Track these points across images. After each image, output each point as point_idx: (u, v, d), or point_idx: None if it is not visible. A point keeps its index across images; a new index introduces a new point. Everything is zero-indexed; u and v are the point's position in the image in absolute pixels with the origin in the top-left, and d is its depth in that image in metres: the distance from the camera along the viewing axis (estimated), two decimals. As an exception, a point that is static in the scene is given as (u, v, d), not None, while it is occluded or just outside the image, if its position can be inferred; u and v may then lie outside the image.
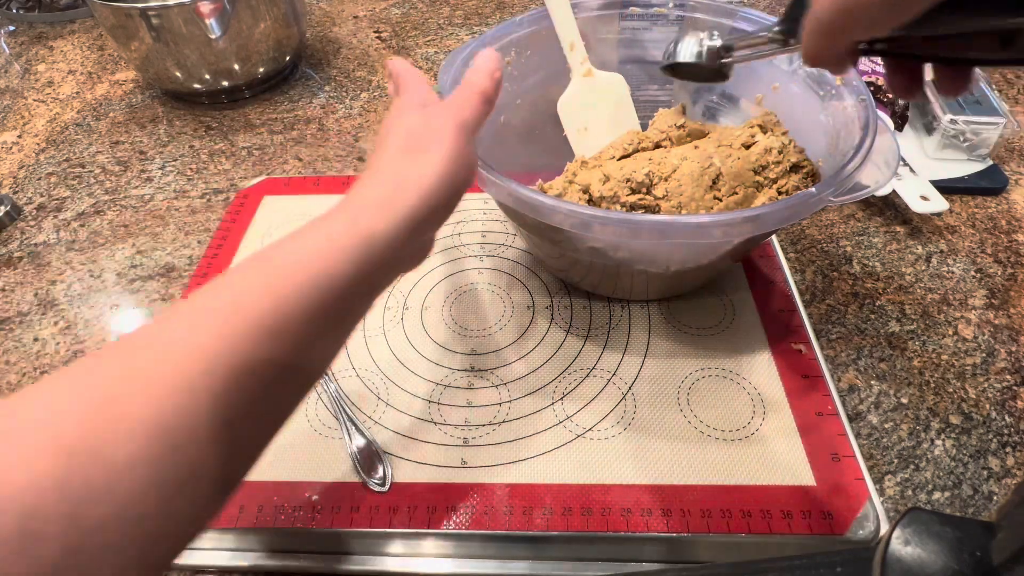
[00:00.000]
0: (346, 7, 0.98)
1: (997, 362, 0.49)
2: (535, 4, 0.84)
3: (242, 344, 0.25)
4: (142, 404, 0.23)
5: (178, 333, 0.25)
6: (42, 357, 0.53)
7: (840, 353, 0.50)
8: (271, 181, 0.66)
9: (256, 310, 0.26)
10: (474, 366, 0.49)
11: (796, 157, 0.48)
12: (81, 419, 0.22)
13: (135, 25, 0.70)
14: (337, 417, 0.45)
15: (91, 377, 0.24)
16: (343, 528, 0.40)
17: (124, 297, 0.57)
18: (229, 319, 0.25)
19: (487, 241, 0.58)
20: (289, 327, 0.26)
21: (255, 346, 0.25)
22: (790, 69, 0.51)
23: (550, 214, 0.39)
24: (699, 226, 0.39)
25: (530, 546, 0.40)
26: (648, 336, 0.50)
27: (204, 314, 0.26)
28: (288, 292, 0.27)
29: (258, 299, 0.26)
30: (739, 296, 0.52)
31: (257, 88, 0.80)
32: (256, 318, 0.26)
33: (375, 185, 0.31)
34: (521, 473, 0.42)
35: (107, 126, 0.77)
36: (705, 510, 0.40)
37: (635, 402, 0.46)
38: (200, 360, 0.24)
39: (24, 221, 0.65)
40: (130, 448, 0.22)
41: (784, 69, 0.51)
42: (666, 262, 0.46)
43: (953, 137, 0.62)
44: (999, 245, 0.57)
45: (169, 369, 0.24)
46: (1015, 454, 0.44)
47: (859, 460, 0.42)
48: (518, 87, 0.55)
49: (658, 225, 0.39)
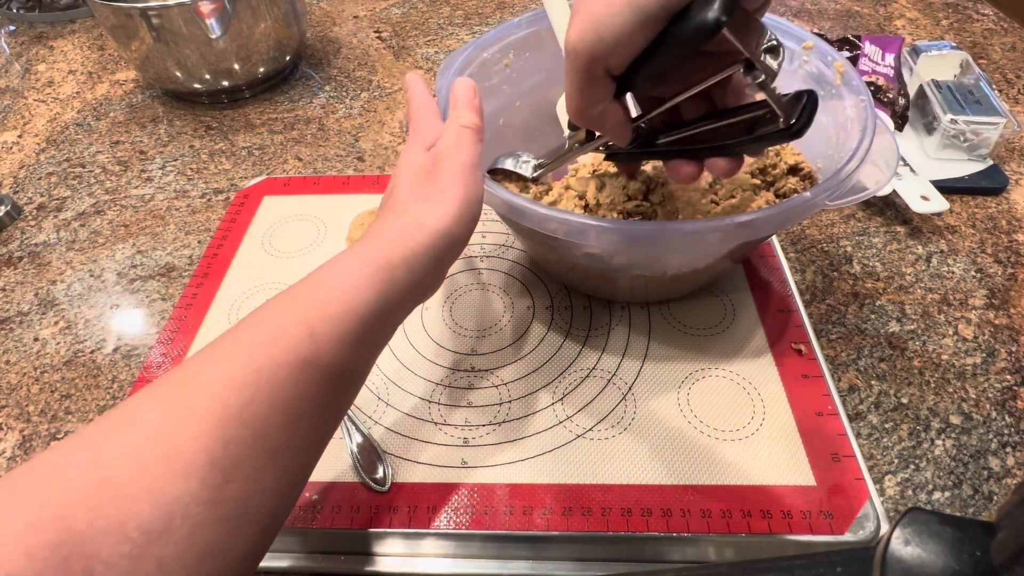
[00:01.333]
0: (346, 7, 0.98)
1: (997, 362, 0.49)
2: (535, 4, 0.84)
3: (277, 377, 0.27)
4: (190, 439, 0.25)
5: (221, 368, 0.27)
6: (42, 357, 0.53)
7: (840, 353, 0.50)
8: (271, 181, 0.66)
9: (294, 341, 0.28)
10: (474, 366, 0.49)
11: (794, 159, 0.48)
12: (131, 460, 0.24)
13: (135, 25, 0.70)
14: (337, 417, 0.45)
15: (137, 415, 0.26)
16: (343, 528, 0.40)
17: (124, 297, 0.57)
18: (271, 352, 0.28)
19: (487, 242, 0.58)
20: (320, 360, 0.29)
21: (295, 380, 0.28)
22: (791, 68, 0.51)
23: (544, 223, 0.39)
24: (694, 232, 0.38)
25: (530, 546, 0.40)
26: (648, 336, 0.50)
27: (245, 348, 0.28)
28: (322, 328, 0.29)
29: (296, 332, 0.28)
30: (739, 296, 0.52)
31: (257, 88, 0.80)
32: (294, 349, 0.28)
33: (395, 223, 0.34)
34: (521, 473, 0.42)
35: (107, 126, 0.77)
36: (705, 510, 0.40)
37: (635, 402, 0.46)
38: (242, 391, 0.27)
39: (24, 221, 0.65)
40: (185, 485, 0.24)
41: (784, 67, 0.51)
42: (663, 267, 0.46)
43: (953, 137, 0.62)
44: (999, 245, 0.57)
45: (218, 405, 0.26)
46: (1015, 454, 0.44)
47: (859, 460, 0.42)
48: (517, 89, 0.55)
49: (653, 232, 0.39)
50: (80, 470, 0.24)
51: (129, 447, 0.24)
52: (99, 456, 0.24)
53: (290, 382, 0.27)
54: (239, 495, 0.25)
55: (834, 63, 0.48)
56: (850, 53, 0.72)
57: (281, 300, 0.30)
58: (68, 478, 0.23)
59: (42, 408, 0.49)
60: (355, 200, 0.62)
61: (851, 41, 0.73)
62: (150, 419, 0.25)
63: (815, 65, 0.49)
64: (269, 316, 0.30)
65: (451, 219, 0.33)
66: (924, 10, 0.89)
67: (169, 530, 0.23)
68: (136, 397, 0.27)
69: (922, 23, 0.86)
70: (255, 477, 0.26)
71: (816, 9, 0.89)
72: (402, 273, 0.32)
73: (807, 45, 0.49)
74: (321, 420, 0.30)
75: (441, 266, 0.34)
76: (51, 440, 0.47)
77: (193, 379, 0.27)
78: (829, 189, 0.39)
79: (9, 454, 0.46)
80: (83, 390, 0.50)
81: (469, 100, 0.39)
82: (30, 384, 0.51)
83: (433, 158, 0.36)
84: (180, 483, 0.24)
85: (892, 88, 0.67)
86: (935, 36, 0.83)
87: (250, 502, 0.26)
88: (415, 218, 0.33)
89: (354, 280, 0.31)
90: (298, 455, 0.28)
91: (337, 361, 0.29)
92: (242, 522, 0.26)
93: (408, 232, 0.33)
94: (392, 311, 0.32)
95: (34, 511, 0.22)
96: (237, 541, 0.25)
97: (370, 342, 0.31)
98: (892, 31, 0.84)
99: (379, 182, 0.65)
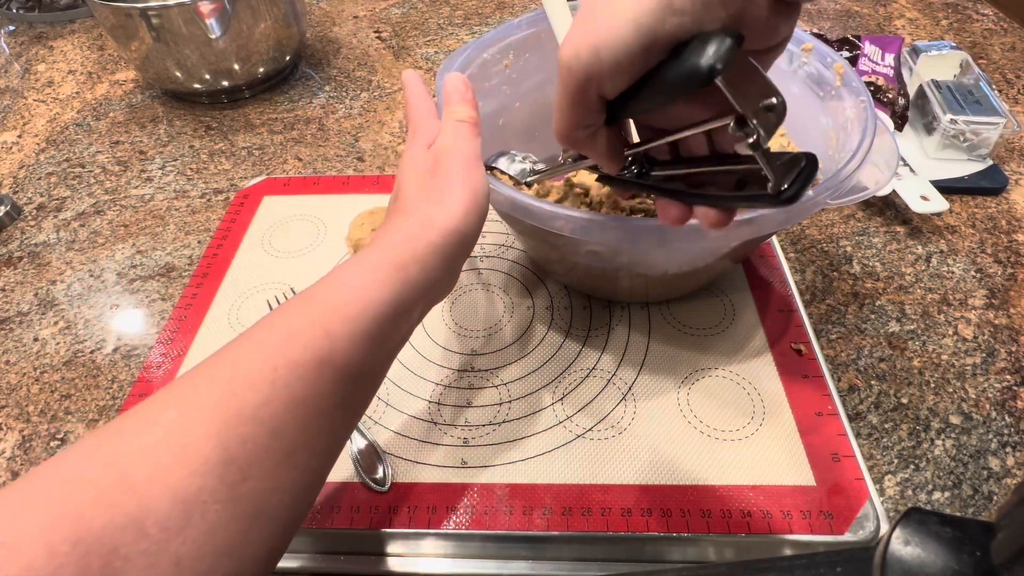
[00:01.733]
0: (346, 7, 0.98)
1: (997, 362, 0.49)
2: (535, 4, 0.84)
3: (294, 376, 0.27)
4: (207, 437, 0.25)
5: (238, 368, 0.27)
6: (42, 357, 0.53)
7: (840, 353, 0.50)
8: (271, 181, 0.66)
9: (310, 340, 0.28)
10: (474, 366, 0.49)
11: None
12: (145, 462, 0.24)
13: (135, 25, 0.70)
14: (337, 417, 0.45)
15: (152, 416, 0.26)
16: (343, 528, 0.40)
17: (124, 297, 0.57)
18: (287, 352, 0.28)
19: (487, 241, 0.58)
20: (336, 360, 0.29)
21: (312, 379, 0.28)
22: (790, 69, 0.51)
23: (550, 220, 0.39)
24: (696, 229, 0.38)
25: (530, 546, 0.40)
26: (648, 336, 0.50)
27: (261, 348, 0.28)
28: (337, 328, 0.29)
29: (311, 332, 0.28)
30: (739, 296, 0.52)
31: (257, 88, 0.80)
32: (310, 349, 0.28)
33: (404, 224, 0.34)
34: (521, 473, 0.42)
35: (107, 126, 0.77)
36: (705, 510, 0.40)
37: (635, 402, 0.46)
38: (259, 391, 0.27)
39: (24, 221, 0.65)
40: (202, 482, 0.24)
41: (784, 69, 0.51)
42: (664, 266, 0.46)
43: (953, 137, 0.62)
44: (999, 245, 0.57)
45: (235, 403, 0.26)
46: (1015, 454, 0.44)
47: (859, 460, 0.42)
48: (517, 89, 0.55)
49: (656, 229, 0.39)
50: (97, 470, 0.24)
51: (145, 446, 0.24)
52: (116, 456, 0.24)
53: (307, 381, 0.27)
54: (256, 493, 0.25)
55: (833, 64, 0.48)
56: (850, 53, 0.72)
57: (295, 303, 0.30)
58: (86, 477, 0.23)
59: (42, 408, 0.49)
60: (355, 200, 0.62)
61: (851, 41, 0.73)
62: (166, 418, 0.25)
63: (814, 67, 0.49)
64: (283, 319, 0.30)
65: (459, 216, 0.33)
66: (924, 10, 0.89)
67: (187, 526, 0.23)
68: (150, 400, 0.27)
69: (922, 23, 0.86)
70: (272, 475, 0.26)
71: (816, 9, 0.89)
72: (415, 272, 0.32)
73: (806, 47, 0.49)
74: (338, 420, 0.30)
75: (454, 263, 0.34)
76: (51, 440, 0.47)
77: (208, 380, 0.27)
78: (830, 189, 0.39)
79: (9, 454, 0.46)
80: (83, 390, 0.50)
81: (462, 94, 0.38)
82: (30, 384, 0.51)
83: (434, 156, 0.36)
84: (197, 480, 0.24)
85: (892, 88, 0.67)
86: (935, 36, 0.83)
87: (268, 501, 0.26)
88: (424, 218, 0.33)
89: (367, 281, 0.31)
90: (315, 455, 0.28)
91: (353, 361, 0.29)
92: (259, 520, 0.26)
93: (417, 233, 0.33)
94: (408, 310, 0.32)
95: (53, 509, 0.22)
96: (254, 540, 0.25)
97: (386, 343, 0.31)
98: (892, 31, 0.84)
99: (379, 182, 0.65)
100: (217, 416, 0.25)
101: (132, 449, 0.24)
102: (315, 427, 0.28)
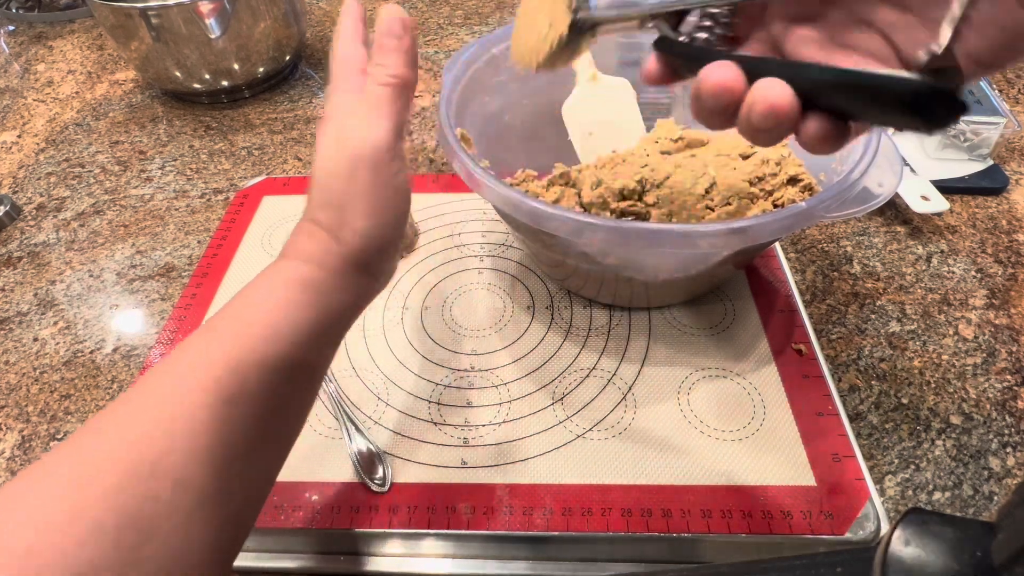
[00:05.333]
0: (346, 7, 0.98)
1: (997, 362, 0.49)
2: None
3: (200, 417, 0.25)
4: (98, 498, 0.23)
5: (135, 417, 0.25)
6: (42, 357, 0.53)
7: (840, 353, 0.50)
8: (271, 181, 0.66)
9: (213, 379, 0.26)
10: (474, 366, 0.48)
11: (794, 170, 0.47)
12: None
13: (135, 25, 0.70)
14: (337, 417, 0.45)
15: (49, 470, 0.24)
16: (343, 528, 0.40)
17: (124, 297, 0.57)
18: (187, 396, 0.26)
19: (487, 241, 0.58)
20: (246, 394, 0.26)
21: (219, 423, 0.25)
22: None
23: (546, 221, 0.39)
24: (685, 235, 0.38)
25: (530, 546, 0.40)
26: (648, 336, 0.50)
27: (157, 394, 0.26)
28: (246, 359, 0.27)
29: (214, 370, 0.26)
30: (739, 297, 0.52)
31: (257, 88, 0.80)
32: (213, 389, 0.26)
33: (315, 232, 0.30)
34: (521, 473, 0.42)
35: (107, 126, 0.77)
36: (705, 510, 0.40)
37: (635, 402, 0.46)
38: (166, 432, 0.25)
39: (24, 221, 0.65)
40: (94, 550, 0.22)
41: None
42: (654, 271, 0.46)
43: (954, 137, 0.62)
44: (999, 245, 0.57)
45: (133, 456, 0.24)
46: (1015, 454, 0.44)
47: (859, 460, 0.42)
48: (523, 87, 0.55)
49: (644, 232, 0.38)
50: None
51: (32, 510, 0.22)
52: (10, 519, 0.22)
53: (212, 425, 0.25)
54: (160, 555, 0.23)
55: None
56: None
57: (199, 335, 0.28)
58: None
59: (41, 408, 0.49)
60: (355, 200, 0.62)
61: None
62: (60, 474, 0.23)
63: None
64: (184, 355, 0.27)
65: (364, 236, 0.29)
66: (924, 10, 0.88)
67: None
68: (53, 452, 0.24)
69: (922, 23, 0.86)
70: (180, 531, 0.24)
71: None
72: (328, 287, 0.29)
73: None
74: (259, 456, 0.27)
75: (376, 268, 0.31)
76: (50, 441, 0.47)
77: (106, 432, 0.25)
78: (826, 201, 0.38)
79: (8, 454, 0.46)
80: (82, 390, 0.50)
81: (397, 41, 0.30)
82: (29, 384, 0.51)
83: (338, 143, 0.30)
84: (88, 549, 0.22)
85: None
86: (935, 36, 0.83)
87: (176, 560, 0.24)
88: (333, 223, 0.30)
89: (279, 300, 0.28)
90: (231, 499, 0.26)
91: (268, 390, 0.27)
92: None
93: (326, 247, 0.29)
94: (325, 330, 0.29)
95: None
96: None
97: (307, 365, 0.29)
98: (892, 31, 0.84)
99: (379, 182, 0.65)
100: (110, 474, 0.23)
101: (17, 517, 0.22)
102: (227, 472, 0.25)
